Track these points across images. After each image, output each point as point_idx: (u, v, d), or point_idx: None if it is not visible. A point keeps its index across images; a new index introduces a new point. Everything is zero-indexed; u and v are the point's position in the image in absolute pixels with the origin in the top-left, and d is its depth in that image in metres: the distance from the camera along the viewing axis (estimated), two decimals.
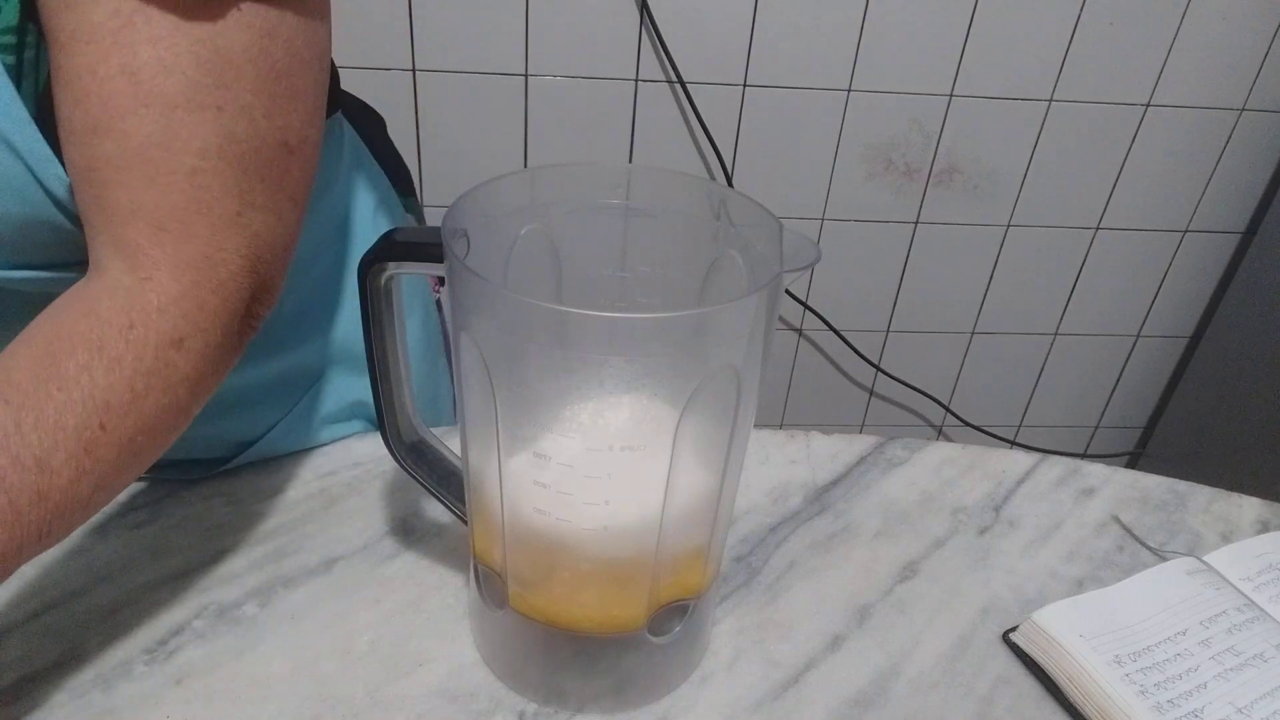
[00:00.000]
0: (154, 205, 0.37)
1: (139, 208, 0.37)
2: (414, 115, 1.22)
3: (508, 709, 0.44)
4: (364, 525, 0.54)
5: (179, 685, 0.44)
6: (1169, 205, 1.41)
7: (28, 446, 0.34)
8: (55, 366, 0.36)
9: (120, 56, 0.36)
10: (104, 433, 0.36)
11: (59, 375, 0.35)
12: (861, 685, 0.47)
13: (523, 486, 0.38)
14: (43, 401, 0.35)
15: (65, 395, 0.35)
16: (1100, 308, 1.50)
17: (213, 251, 0.38)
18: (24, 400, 0.35)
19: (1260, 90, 1.32)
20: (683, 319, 0.35)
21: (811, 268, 0.37)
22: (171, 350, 0.37)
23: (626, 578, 0.41)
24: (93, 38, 0.36)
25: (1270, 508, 0.61)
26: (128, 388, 0.37)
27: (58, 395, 0.35)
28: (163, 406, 0.38)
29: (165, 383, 0.38)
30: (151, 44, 0.36)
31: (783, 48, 1.22)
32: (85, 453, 0.36)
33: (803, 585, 0.53)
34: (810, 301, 1.43)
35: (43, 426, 0.35)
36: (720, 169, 1.30)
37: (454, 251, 0.36)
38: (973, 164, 1.34)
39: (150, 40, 0.36)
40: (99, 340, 0.36)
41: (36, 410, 0.35)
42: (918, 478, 0.61)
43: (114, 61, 0.36)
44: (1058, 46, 1.25)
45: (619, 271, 0.44)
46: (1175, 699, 0.45)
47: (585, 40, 1.19)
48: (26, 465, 0.34)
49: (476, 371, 0.37)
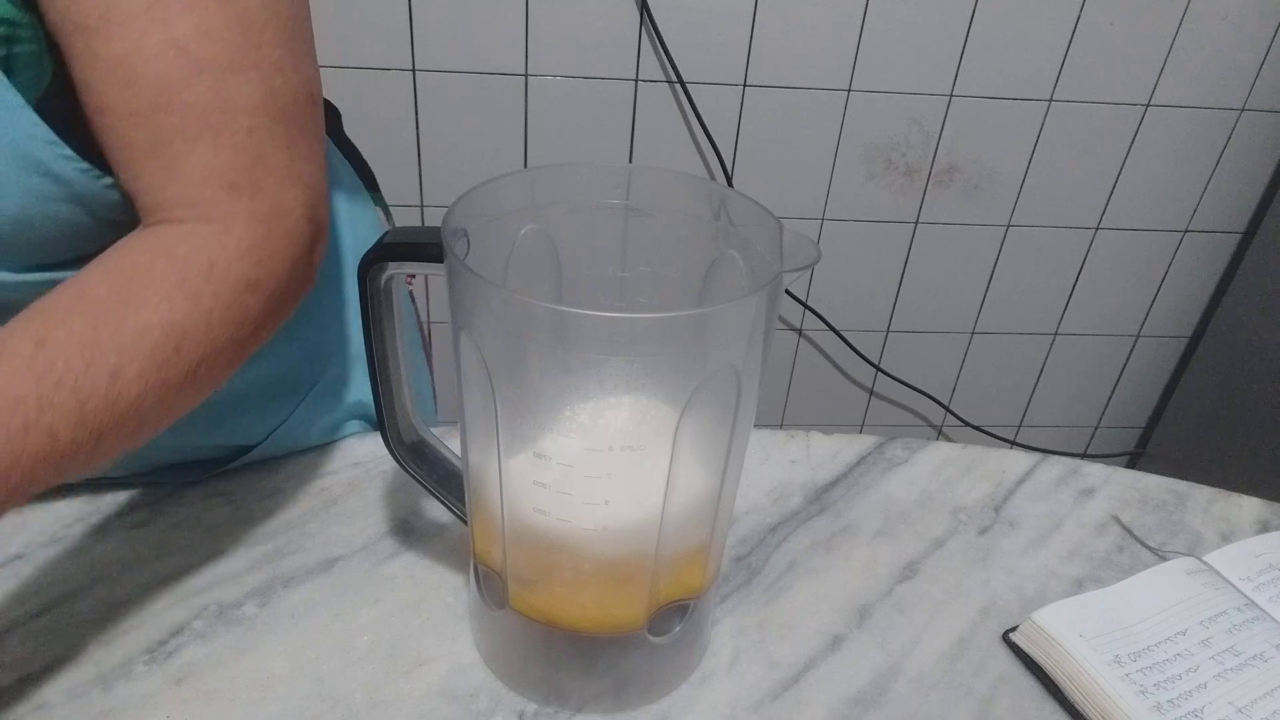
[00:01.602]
0: (224, 166, 0.40)
1: (212, 170, 0.39)
2: (414, 115, 1.22)
3: (508, 709, 0.44)
4: (364, 525, 0.54)
5: (179, 685, 0.44)
6: (1169, 205, 1.41)
7: (104, 356, 0.36)
8: (136, 292, 0.37)
9: (161, 32, 0.37)
10: (176, 355, 0.38)
11: (139, 300, 0.37)
12: (861, 685, 0.47)
13: (523, 486, 0.38)
14: (121, 319, 0.37)
15: (144, 318, 0.37)
16: (1100, 308, 1.50)
17: (278, 203, 0.41)
18: (103, 316, 0.37)
19: (1260, 90, 1.32)
20: (683, 319, 0.35)
21: (811, 268, 0.37)
22: (247, 292, 0.40)
23: (626, 578, 0.41)
24: (126, 18, 0.37)
25: (1270, 508, 0.61)
26: (204, 319, 0.39)
27: (136, 317, 0.37)
28: (231, 340, 0.40)
29: (237, 320, 0.40)
30: (186, 13, 0.38)
31: (783, 48, 1.22)
32: (156, 371, 0.37)
33: (803, 585, 0.53)
34: (810, 301, 1.43)
35: (120, 341, 0.36)
36: (720, 169, 1.30)
37: (454, 251, 0.36)
38: (973, 164, 1.34)
39: (184, 9, 0.37)
40: (180, 276, 0.38)
41: (115, 326, 0.37)
42: (918, 478, 0.61)
43: (156, 38, 0.37)
44: (1058, 46, 1.25)
45: (619, 271, 0.44)
46: (1175, 699, 0.45)
47: (585, 40, 1.19)
48: (100, 373, 0.36)
49: (476, 371, 0.37)
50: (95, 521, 0.53)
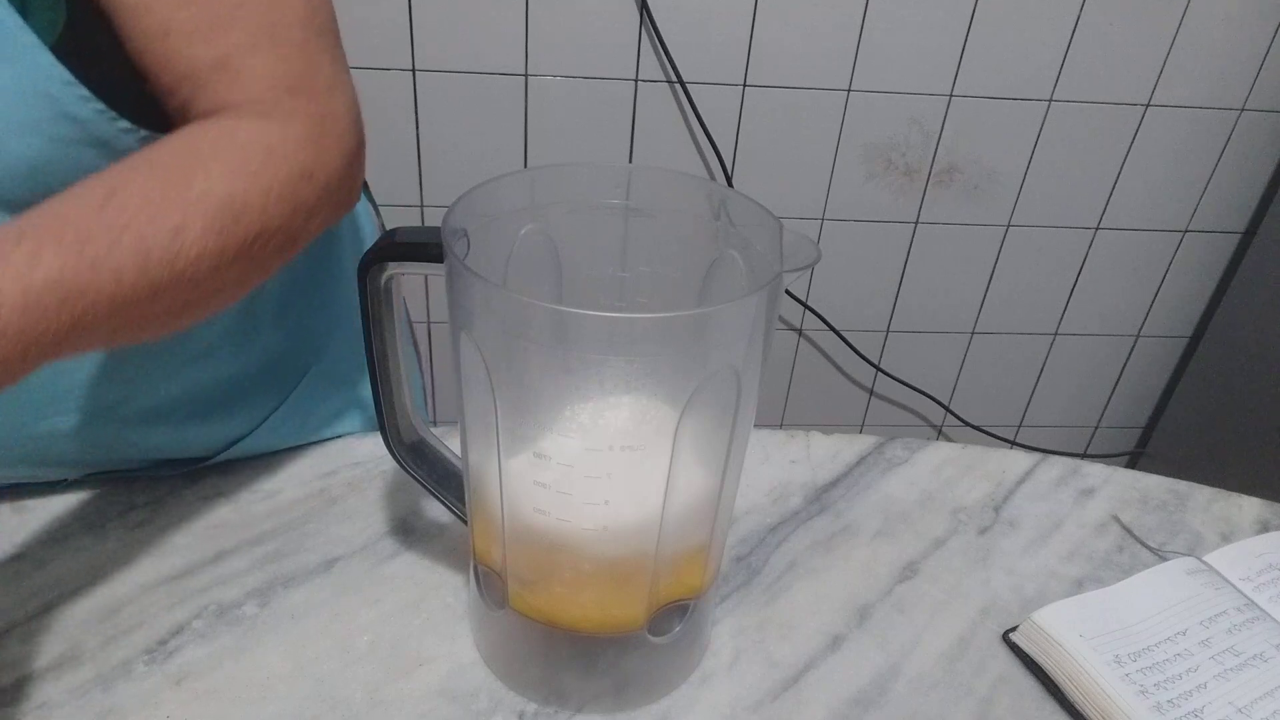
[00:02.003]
0: (283, 74, 0.42)
1: (273, 78, 0.42)
2: (414, 115, 1.22)
3: (508, 709, 0.44)
4: (364, 525, 0.54)
5: (179, 685, 0.44)
6: (1169, 205, 1.41)
7: (169, 213, 0.37)
8: (200, 163, 0.39)
9: None
10: (235, 225, 0.39)
11: (204, 169, 0.38)
12: (861, 685, 0.47)
13: (523, 486, 0.38)
14: (187, 183, 0.38)
15: (207, 185, 0.38)
16: (1100, 308, 1.50)
17: (329, 108, 0.43)
18: (169, 178, 0.38)
19: (1260, 90, 1.32)
20: (683, 319, 0.35)
21: (811, 268, 0.37)
22: (302, 180, 0.42)
23: (626, 578, 0.41)
24: None
25: (1270, 508, 0.61)
26: (262, 196, 0.40)
27: (200, 183, 0.38)
28: (286, 224, 0.41)
29: (293, 204, 0.41)
30: None
31: (783, 48, 1.22)
32: (216, 236, 0.38)
33: (803, 585, 0.53)
34: (810, 301, 1.43)
35: (184, 201, 0.37)
36: (720, 169, 1.30)
37: (454, 251, 0.36)
38: (973, 164, 1.34)
39: None
40: (242, 156, 0.40)
41: (180, 188, 0.38)
42: (918, 478, 0.61)
43: None
44: (1058, 46, 1.25)
45: (619, 271, 0.44)
46: (1175, 699, 0.45)
47: (585, 40, 1.19)
48: (164, 227, 0.37)
49: (476, 371, 0.37)
50: (95, 521, 0.53)
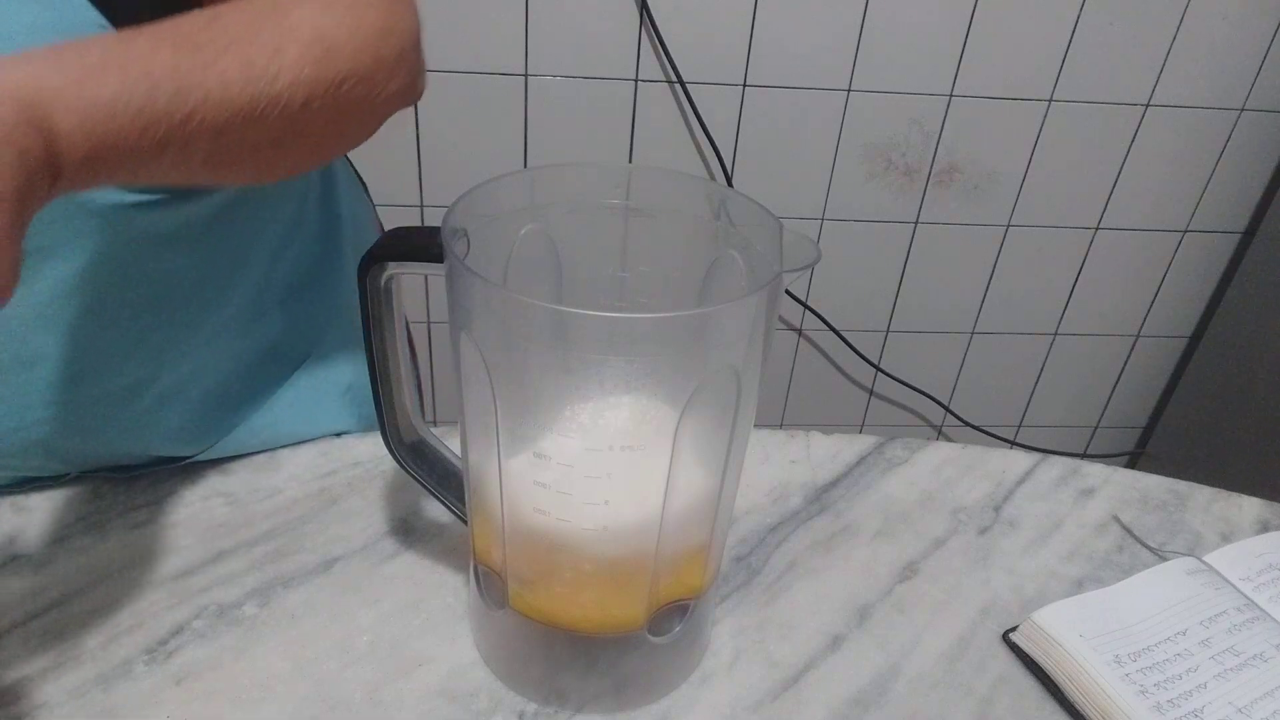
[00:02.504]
0: None
1: None
2: (414, 115, 1.22)
3: (508, 709, 0.44)
4: (364, 525, 0.54)
5: (179, 685, 0.44)
6: (1169, 205, 1.41)
7: (268, 35, 0.39)
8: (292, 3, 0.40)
9: None
10: (327, 58, 0.40)
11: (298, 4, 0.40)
12: (861, 685, 0.47)
13: (523, 486, 0.38)
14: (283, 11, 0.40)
15: (300, 17, 0.40)
16: (1100, 308, 1.50)
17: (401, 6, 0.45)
18: (266, 11, 0.39)
19: (1260, 90, 1.32)
20: (683, 319, 0.35)
21: (811, 268, 0.37)
22: (384, 36, 0.43)
23: (626, 578, 0.41)
24: None
25: (1270, 508, 0.61)
26: (350, 39, 0.41)
27: (295, 14, 0.40)
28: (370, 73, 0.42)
29: (374, 56, 0.43)
30: None
31: (783, 48, 1.22)
32: (311, 65, 0.39)
33: (803, 585, 0.53)
34: (810, 301, 1.43)
35: (281, 28, 0.39)
36: (720, 169, 1.30)
37: (454, 251, 0.36)
38: (973, 164, 1.34)
39: None
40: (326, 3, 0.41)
41: (278, 15, 0.39)
42: (918, 478, 0.61)
43: None
44: (1058, 46, 1.25)
45: (619, 271, 0.44)
46: (1175, 699, 0.45)
47: (585, 40, 1.19)
48: (265, 47, 0.38)
49: (476, 371, 0.37)
50: (95, 521, 0.53)
